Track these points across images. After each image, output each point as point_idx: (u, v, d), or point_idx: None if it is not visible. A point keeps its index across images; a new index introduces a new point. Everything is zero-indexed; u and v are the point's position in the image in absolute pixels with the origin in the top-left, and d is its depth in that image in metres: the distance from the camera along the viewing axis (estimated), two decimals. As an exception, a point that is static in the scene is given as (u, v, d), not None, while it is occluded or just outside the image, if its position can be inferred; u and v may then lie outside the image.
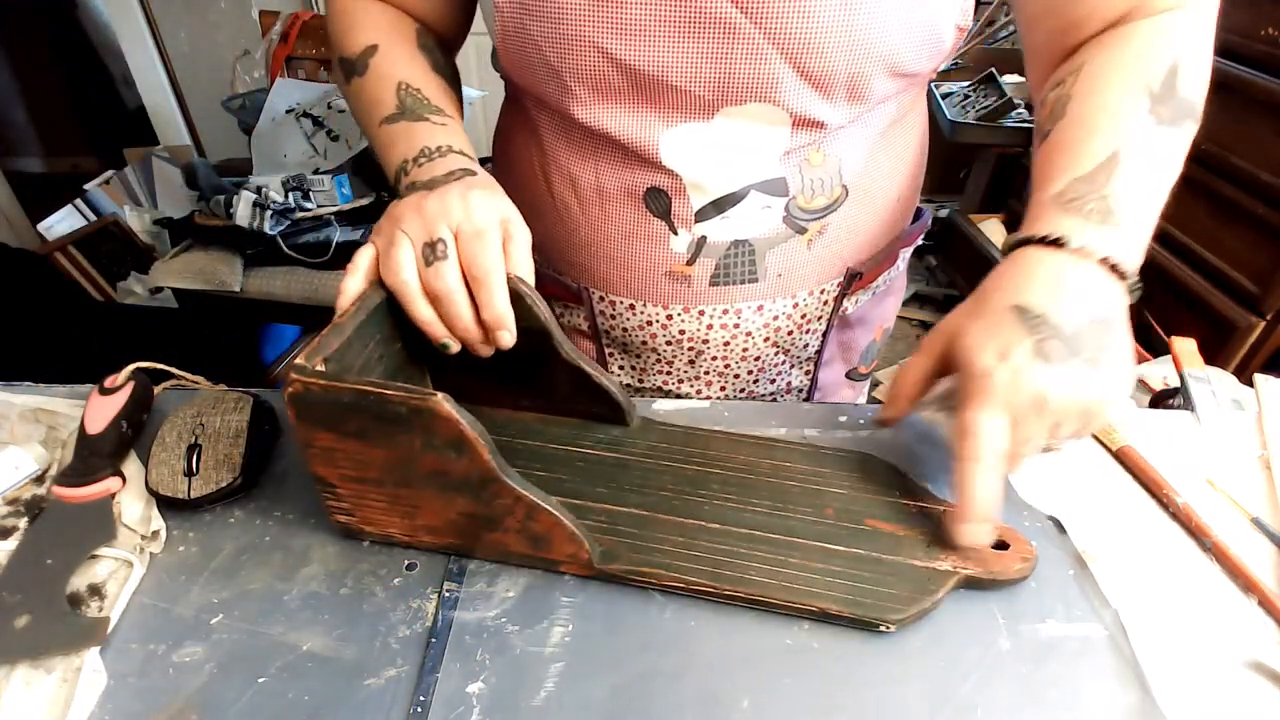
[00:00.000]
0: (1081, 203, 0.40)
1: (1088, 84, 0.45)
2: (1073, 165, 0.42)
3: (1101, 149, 0.42)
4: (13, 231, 2.23)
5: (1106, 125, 0.43)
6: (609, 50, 0.45)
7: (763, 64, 0.44)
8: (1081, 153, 0.42)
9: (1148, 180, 0.42)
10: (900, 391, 0.46)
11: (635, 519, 0.45)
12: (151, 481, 0.47)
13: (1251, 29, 1.30)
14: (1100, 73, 0.45)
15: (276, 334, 1.75)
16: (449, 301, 0.43)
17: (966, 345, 0.40)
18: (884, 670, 0.39)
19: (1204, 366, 0.60)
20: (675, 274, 0.55)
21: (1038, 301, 0.39)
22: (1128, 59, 0.45)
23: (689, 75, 0.45)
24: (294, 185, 1.75)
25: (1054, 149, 0.44)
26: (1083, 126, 0.44)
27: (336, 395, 0.38)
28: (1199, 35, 0.47)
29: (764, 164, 0.50)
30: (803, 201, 0.52)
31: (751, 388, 0.64)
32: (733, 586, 0.41)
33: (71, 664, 0.38)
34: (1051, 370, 0.38)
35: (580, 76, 0.47)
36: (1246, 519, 0.47)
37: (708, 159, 0.49)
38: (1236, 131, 1.34)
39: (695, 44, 0.44)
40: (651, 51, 0.45)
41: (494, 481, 0.40)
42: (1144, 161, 0.42)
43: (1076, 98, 0.45)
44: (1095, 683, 0.38)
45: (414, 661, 0.39)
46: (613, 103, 0.48)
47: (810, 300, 0.58)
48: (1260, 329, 1.30)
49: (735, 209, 0.51)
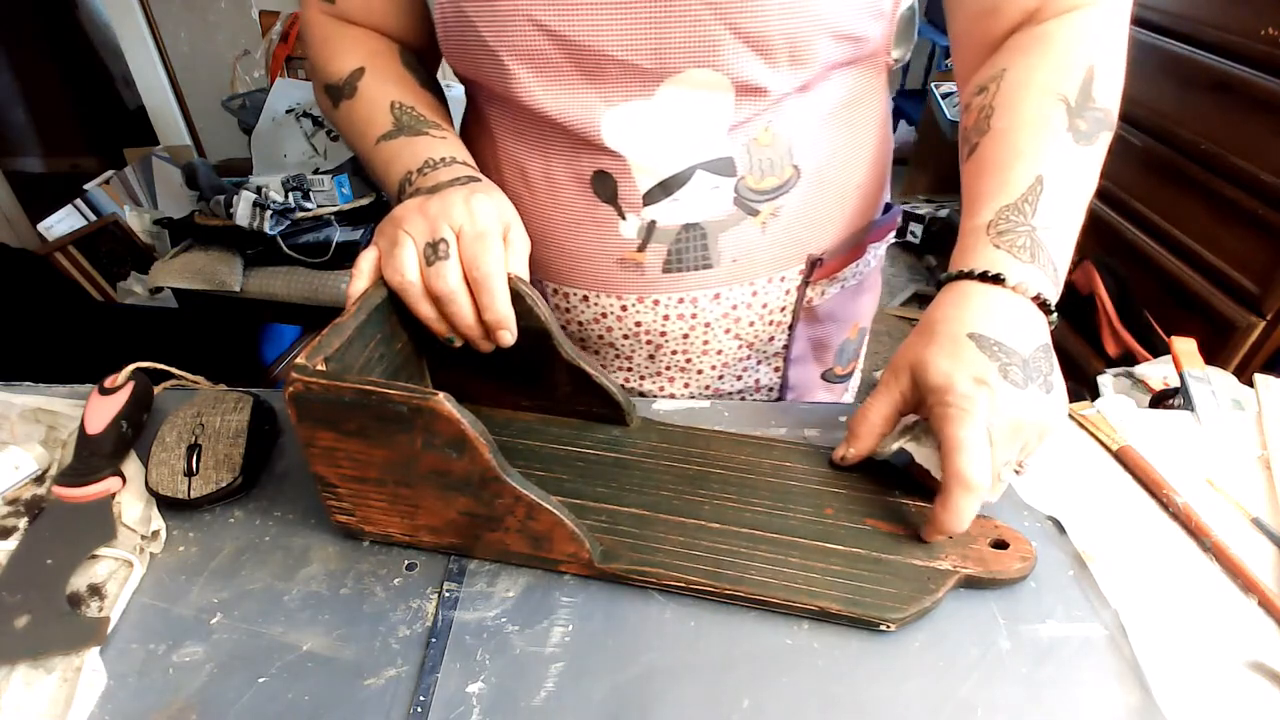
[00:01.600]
0: (1012, 237, 0.43)
1: (1009, 95, 0.47)
2: (1000, 191, 0.45)
3: (1026, 174, 0.44)
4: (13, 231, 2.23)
5: (1028, 146, 0.45)
6: (543, 22, 0.45)
7: (699, 26, 0.44)
8: (1008, 178, 0.45)
9: (1068, 206, 0.45)
10: (864, 429, 0.46)
11: (635, 519, 0.45)
12: (151, 481, 0.47)
13: (1251, 29, 1.30)
14: (1020, 82, 0.47)
15: (276, 334, 1.75)
16: (450, 301, 0.43)
17: (940, 371, 0.41)
18: (884, 670, 0.39)
19: (1204, 366, 0.60)
20: (627, 261, 0.54)
21: (991, 330, 0.41)
22: (1046, 66, 0.47)
23: (625, 44, 0.45)
24: (294, 185, 1.75)
25: (980, 169, 0.47)
26: (1006, 145, 0.46)
27: (337, 395, 0.38)
28: (1113, 34, 0.48)
29: (710, 141, 0.50)
30: (752, 182, 0.52)
31: (717, 385, 0.63)
32: (733, 586, 0.41)
33: (71, 664, 0.38)
34: (1020, 393, 0.40)
35: (518, 53, 0.47)
36: (1246, 519, 0.47)
37: (651, 138, 0.49)
38: (1236, 131, 1.34)
39: (630, 11, 0.44)
40: (586, 20, 0.45)
41: (495, 481, 0.40)
42: (1064, 185, 0.45)
43: (999, 110, 0.47)
44: (1095, 683, 0.38)
45: (414, 661, 0.39)
46: (553, 82, 0.48)
47: (770, 289, 0.57)
48: (1260, 329, 1.30)
49: (683, 190, 0.51)
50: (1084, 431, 0.55)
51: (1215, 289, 1.38)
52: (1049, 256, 0.43)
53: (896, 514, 0.46)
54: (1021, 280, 0.42)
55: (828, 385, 0.69)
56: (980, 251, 0.44)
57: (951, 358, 0.41)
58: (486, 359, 0.49)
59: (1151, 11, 1.54)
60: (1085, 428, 0.55)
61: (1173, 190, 1.50)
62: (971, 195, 0.47)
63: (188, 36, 2.27)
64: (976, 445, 0.39)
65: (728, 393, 0.64)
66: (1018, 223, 0.43)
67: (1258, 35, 1.28)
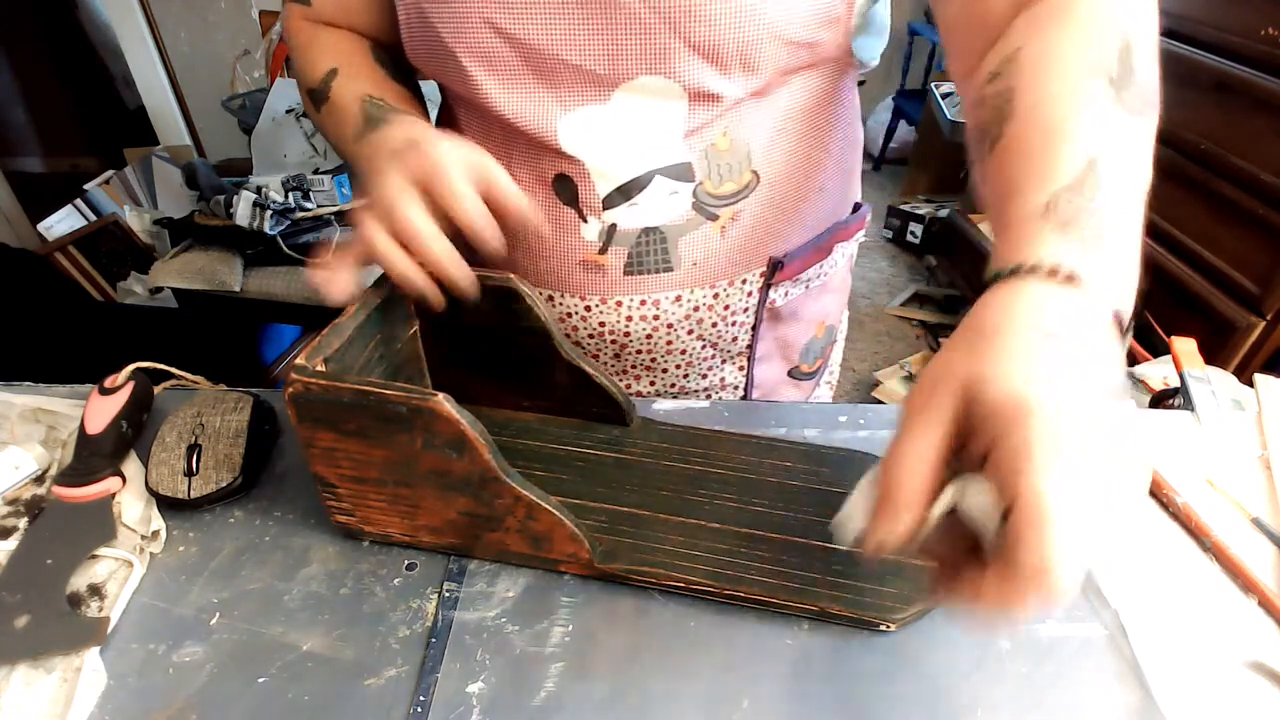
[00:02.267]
0: (1079, 228, 0.32)
1: (1033, 74, 0.38)
2: (1049, 174, 0.33)
3: (1077, 154, 0.34)
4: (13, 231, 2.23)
5: (1072, 124, 0.35)
6: (498, 24, 0.46)
7: (649, 34, 0.45)
8: (1054, 159, 0.34)
9: (1131, 193, 0.34)
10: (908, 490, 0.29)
11: (635, 519, 0.45)
12: (151, 481, 0.47)
13: (1251, 29, 1.30)
14: (1044, 58, 0.38)
15: (276, 334, 1.75)
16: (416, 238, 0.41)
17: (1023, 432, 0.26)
18: (884, 670, 0.39)
19: (1204, 366, 0.60)
20: (589, 263, 0.54)
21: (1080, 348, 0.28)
22: (1073, 39, 0.38)
23: (578, 49, 0.46)
24: (294, 185, 1.75)
25: (1014, 155, 0.36)
26: (1044, 127, 0.36)
27: (337, 395, 0.38)
28: (1145, 5, 0.39)
29: (667, 147, 0.50)
30: (710, 187, 0.52)
31: (682, 383, 0.63)
32: (733, 586, 0.41)
33: (71, 664, 0.38)
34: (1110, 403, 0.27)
35: (475, 55, 0.47)
36: (1246, 519, 0.47)
37: (608, 143, 0.50)
38: (1236, 131, 1.34)
39: (582, 16, 0.45)
40: (539, 25, 0.45)
41: (494, 481, 0.40)
42: (1123, 168, 0.34)
43: (1023, 90, 0.38)
44: (1095, 683, 0.38)
45: (414, 661, 0.39)
46: (510, 85, 0.48)
47: (732, 291, 0.57)
48: (1260, 329, 1.30)
49: (642, 195, 0.51)
50: (1084, 431, 0.54)
51: (1215, 289, 1.38)
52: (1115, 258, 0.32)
53: (896, 514, 0.46)
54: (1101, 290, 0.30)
55: (795, 383, 0.69)
56: (1041, 243, 0.31)
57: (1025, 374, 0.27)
58: (486, 359, 0.49)
59: (1151, 11, 1.54)
60: (1085, 428, 0.55)
61: (1173, 190, 1.50)
62: (1009, 185, 0.35)
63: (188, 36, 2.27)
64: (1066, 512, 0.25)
65: (693, 391, 0.64)
66: (1078, 210, 0.32)
67: (1258, 35, 1.29)
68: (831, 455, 0.50)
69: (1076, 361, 0.27)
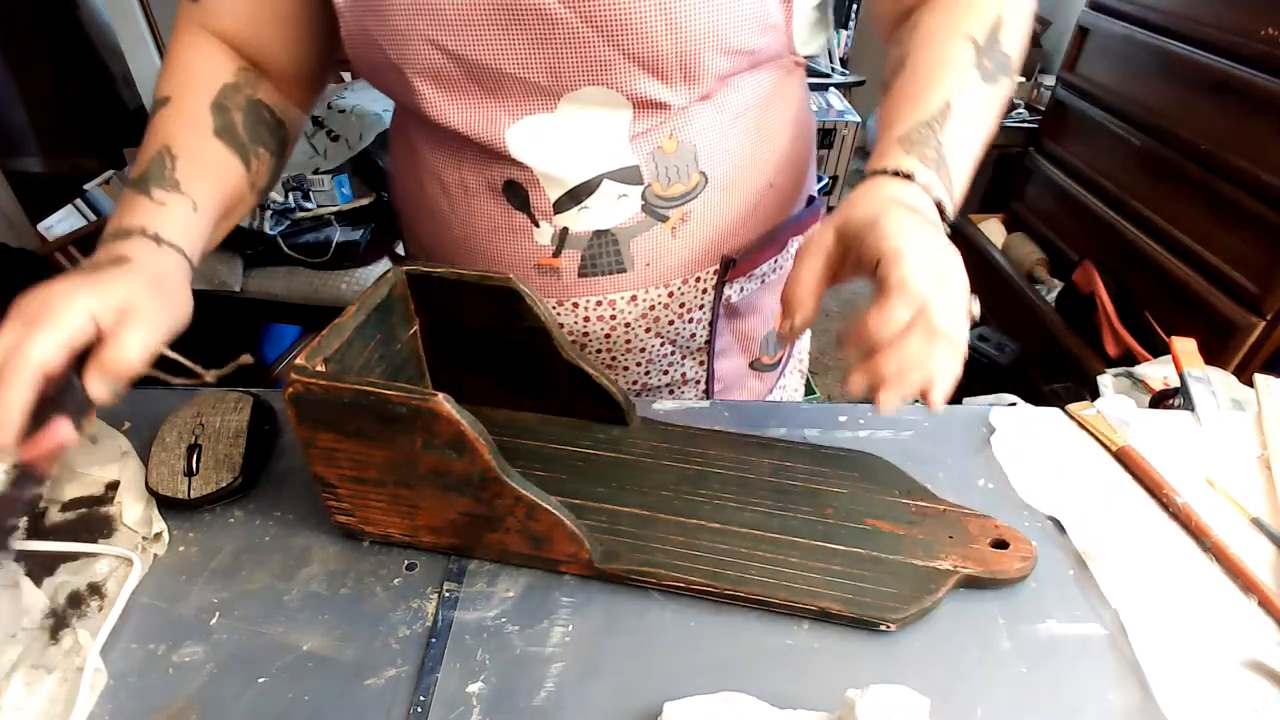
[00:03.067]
0: (922, 148, 0.45)
1: (924, 40, 0.50)
2: (913, 111, 0.47)
3: (937, 97, 0.47)
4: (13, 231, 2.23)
5: (939, 77, 0.48)
6: (440, 42, 0.46)
7: (588, 49, 0.45)
8: (920, 101, 0.47)
9: (971, 133, 0.48)
10: (801, 292, 0.42)
11: (635, 519, 0.45)
12: (151, 481, 0.47)
13: (1251, 29, 1.30)
14: (934, 28, 0.50)
15: (276, 334, 1.75)
16: None
17: (870, 210, 0.40)
18: (884, 670, 0.39)
19: (1204, 366, 0.60)
20: (544, 266, 0.55)
21: (914, 203, 0.42)
22: (956, 12, 0.50)
23: (520, 63, 0.46)
24: (294, 185, 1.75)
25: (898, 98, 0.49)
26: (920, 77, 0.48)
27: (337, 395, 0.38)
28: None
29: (613, 152, 0.50)
30: (659, 189, 0.52)
31: (644, 380, 0.64)
32: (733, 586, 0.41)
33: (71, 664, 0.38)
34: (944, 237, 0.41)
35: (420, 71, 0.47)
36: (1246, 519, 0.47)
37: (556, 150, 0.50)
38: (1236, 131, 1.34)
39: (520, 32, 0.45)
40: (480, 42, 0.45)
41: (494, 481, 0.40)
42: (969, 114, 0.47)
43: (914, 52, 0.50)
44: (1095, 683, 0.38)
45: (414, 661, 0.39)
46: (457, 98, 0.48)
47: (686, 289, 0.58)
48: (1260, 329, 1.30)
49: (592, 199, 0.52)
50: (1084, 431, 0.55)
51: (1215, 289, 1.38)
52: (949, 172, 0.46)
53: (896, 514, 0.46)
54: (928, 183, 0.44)
55: (757, 374, 0.70)
56: (893, 156, 0.46)
57: (886, 213, 0.40)
58: (486, 359, 0.49)
59: (1151, 11, 1.54)
60: (1085, 428, 0.55)
61: (1173, 190, 1.50)
62: (888, 118, 0.48)
63: (188, 36, 2.26)
64: (916, 253, 0.37)
65: (655, 387, 0.65)
66: (927, 137, 0.46)
67: (1258, 35, 1.28)
68: (831, 455, 0.50)
69: (904, 202, 0.41)
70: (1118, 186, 1.65)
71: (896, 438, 0.54)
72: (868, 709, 0.33)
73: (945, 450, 0.53)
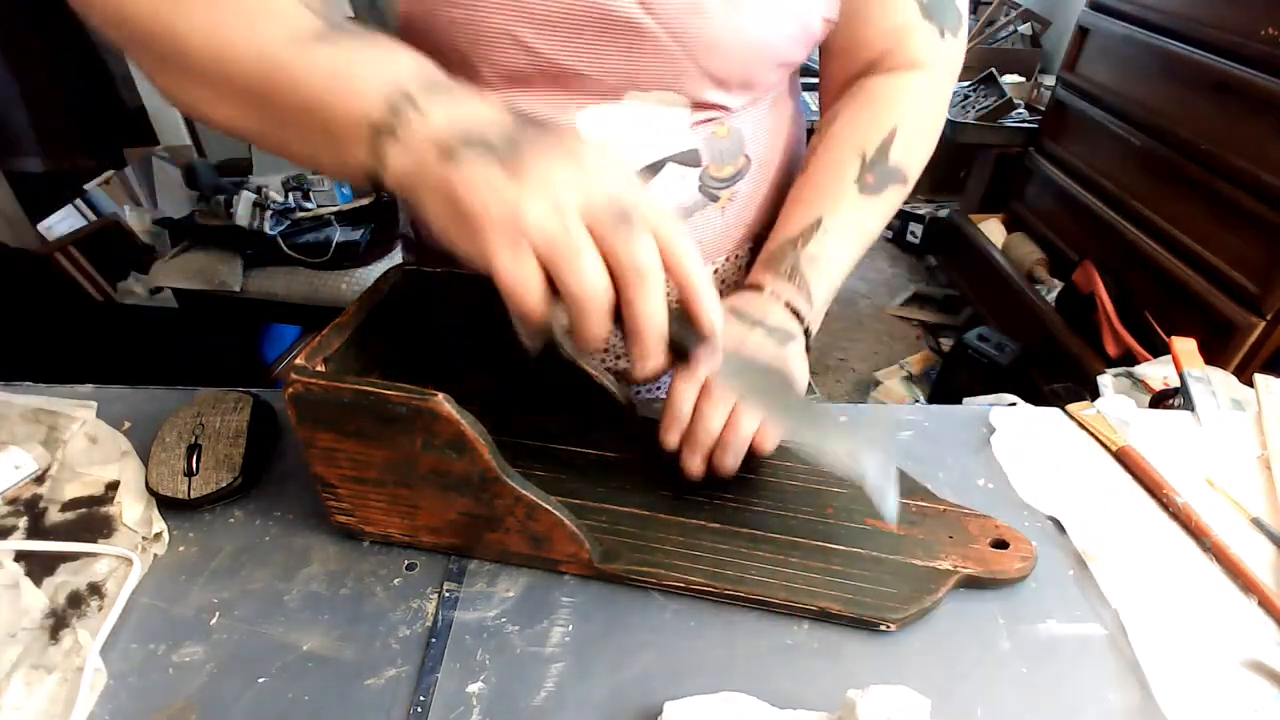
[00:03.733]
0: (778, 263, 0.53)
1: (825, 142, 0.56)
2: (786, 226, 0.54)
3: (811, 215, 0.54)
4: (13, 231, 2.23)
5: (819, 192, 0.54)
6: (524, 40, 0.45)
7: (669, 61, 0.47)
8: (797, 216, 0.54)
9: (839, 244, 0.54)
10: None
11: (635, 519, 0.45)
12: (151, 481, 0.47)
13: (1251, 29, 1.30)
14: (835, 134, 0.56)
15: (276, 334, 1.75)
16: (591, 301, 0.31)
17: None
18: (884, 670, 0.39)
19: (1204, 366, 0.60)
20: None
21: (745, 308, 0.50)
22: (857, 121, 0.55)
23: (600, 67, 0.47)
24: (294, 185, 1.75)
25: (786, 205, 0.56)
26: (805, 188, 0.56)
27: (337, 395, 0.38)
28: (929, 97, 0.56)
29: (676, 138, 0.53)
30: (714, 170, 0.55)
31: None
32: (733, 586, 0.41)
33: (71, 664, 0.38)
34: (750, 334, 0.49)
35: (492, 63, 0.47)
36: (1246, 519, 0.47)
37: (621, 136, 0.51)
38: (1236, 131, 1.34)
39: (607, 40, 0.46)
40: (566, 44, 0.46)
41: (495, 481, 0.40)
42: (840, 228, 0.53)
43: (814, 154, 0.57)
44: (1095, 683, 0.38)
45: (414, 661, 0.39)
46: (523, 88, 0.49)
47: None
48: (1260, 329, 1.30)
49: (655, 180, 0.53)
50: (1084, 431, 0.55)
51: (1215, 289, 1.38)
52: (804, 279, 0.52)
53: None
54: (775, 290, 0.51)
55: None
56: (755, 271, 0.54)
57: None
58: (487, 359, 0.49)
59: (1151, 11, 1.54)
60: (1085, 428, 0.55)
61: (1173, 190, 1.50)
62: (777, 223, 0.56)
63: (188, 36, 2.26)
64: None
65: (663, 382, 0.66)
66: (787, 251, 0.53)
67: (1258, 35, 1.29)
68: None
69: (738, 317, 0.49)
70: (1118, 186, 1.65)
71: (897, 438, 0.54)
72: (868, 709, 0.33)
73: (945, 450, 0.53)
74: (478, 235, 0.30)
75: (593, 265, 0.31)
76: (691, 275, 0.33)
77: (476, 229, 0.30)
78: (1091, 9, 1.75)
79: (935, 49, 0.55)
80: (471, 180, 0.30)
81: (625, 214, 0.31)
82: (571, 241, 0.30)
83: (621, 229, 0.31)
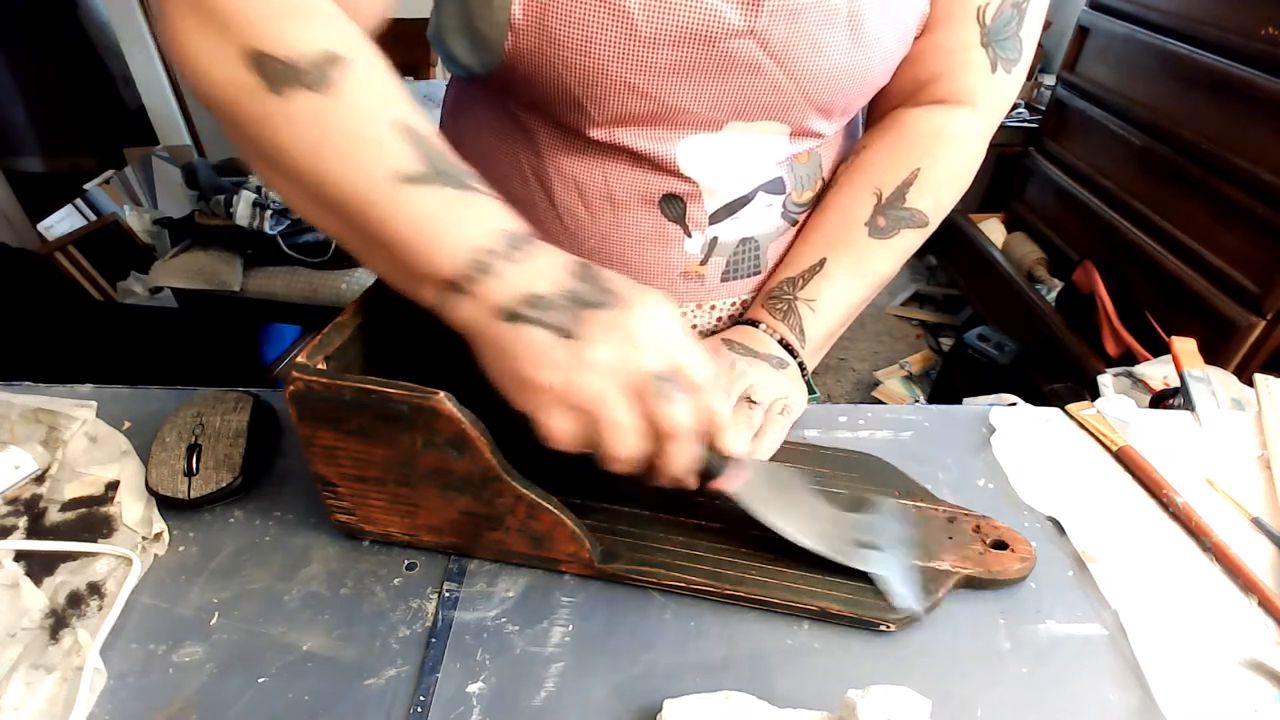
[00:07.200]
0: (775, 301, 0.55)
1: (847, 174, 0.57)
2: (791, 264, 0.56)
3: (815, 255, 0.55)
4: (13, 231, 2.23)
5: (827, 232, 0.55)
6: (638, 86, 0.45)
7: (780, 95, 0.48)
8: (802, 254, 0.56)
9: (842, 286, 0.55)
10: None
11: (635, 519, 0.45)
12: (151, 481, 0.47)
13: (1251, 29, 1.30)
14: (857, 167, 0.56)
15: (276, 334, 1.75)
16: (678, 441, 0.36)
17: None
18: (884, 670, 0.39)
19: (1204, 366, 0.60)
20: (690, 274, 0.56)
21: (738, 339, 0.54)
22: (882, 159, 0.55)
23: (709, 104, 0.48)
24: (294, 185, 1.74)
25: (799, 239, 0.57)
26: (816, 224, 0.57)
27: (338, 394, 0.37)
28: (968, 141, 0.55)
29: (768, 168, 0.53)
30: (796, 196, 0.56)
31: None
32: (733, 586, 0.41)
33: (71, 664, 0.38)
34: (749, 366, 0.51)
35: (601, 105, 0.47)
36: (1246, 519, 0.47)
37: (720, 165, 0.51)
38: (1236, 131, 1.34)
39: (721, 80, 0.46)
40: (678, 88, 0.46)
41: (495, 480, 0.40)
42: (843, 269, 0.55)
43: (833, 189, 0.57)
44: (1095, 683, 0.38)
45: (414, 661, 0.39)
46: (627, 125, 0.49)
47: None
48: (1260, 329, 1.30)
49: (745, 209, 0.54)
50: (1084, 431, 0.55)
51: (1215, 289, 1.38)
52: (799, 319, 0.54)
53: (896, 514, 0.46)
54: (769, 326, 0.54)
55: None
56: (753, 307, 0.57)
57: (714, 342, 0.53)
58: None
59: (1151, 11, 1.54)
60: (1085, 428, 0.55)
61: (1173, 190, 1.50)
62: (783, 261, 0.58)
63: (188, 36, 2.26)
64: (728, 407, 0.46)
65: None
66: (785, 291, 0.55)
67: (1258, 35, 1.29)
68: (831, 455, 0.50)
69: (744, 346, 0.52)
70: (1118, 186, 1.65)
71: (896, 438, 0.54)
72: (868, 709, 0.33)
73: (945, 450, 0.53)
74: (529, 396, 0.35)
75: (630, 437, 0.35)
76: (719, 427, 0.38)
77: (529, 390, 0.35)
78: (1091, 9, 1.75)
79: (985, 83, 0.53)
80: (530, 347, 0.34)
81: (665, 387, 0.35)
82: (614, 418, 0.35)
83: (661, 401, 0.35)
